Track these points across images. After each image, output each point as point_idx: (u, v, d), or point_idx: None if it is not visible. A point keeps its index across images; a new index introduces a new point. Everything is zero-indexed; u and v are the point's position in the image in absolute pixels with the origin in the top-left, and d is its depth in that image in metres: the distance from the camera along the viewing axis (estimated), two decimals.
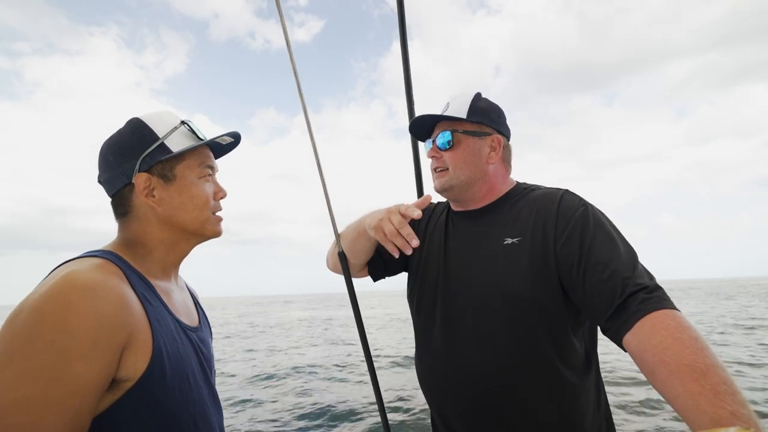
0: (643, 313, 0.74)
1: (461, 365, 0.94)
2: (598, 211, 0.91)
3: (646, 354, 0.71)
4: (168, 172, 0.81)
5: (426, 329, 1.05)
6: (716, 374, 0.62)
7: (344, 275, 1.16)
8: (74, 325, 0.59)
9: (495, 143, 1.05)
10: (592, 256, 0.83)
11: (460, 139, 1.03)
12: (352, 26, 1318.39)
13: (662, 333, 0.70)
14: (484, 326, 0.92)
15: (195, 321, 0.89)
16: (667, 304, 0.74)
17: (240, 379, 8.10)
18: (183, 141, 0.83)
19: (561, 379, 0.88)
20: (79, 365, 0.59)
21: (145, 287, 0.76)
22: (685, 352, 0.66)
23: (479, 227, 1.03)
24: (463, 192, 1.04)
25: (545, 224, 0.91)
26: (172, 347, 0.74)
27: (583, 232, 0.86)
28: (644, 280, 0.79)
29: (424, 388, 1.05)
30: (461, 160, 1.03)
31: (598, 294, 0.80)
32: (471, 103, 1.04)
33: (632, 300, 0.76)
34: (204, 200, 0.84)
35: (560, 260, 0.87)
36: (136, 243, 0.81)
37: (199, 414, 0.77)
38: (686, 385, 0.63)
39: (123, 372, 0.65)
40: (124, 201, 0.81)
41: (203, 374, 0.83)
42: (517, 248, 0.93)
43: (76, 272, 0.64)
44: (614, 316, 0.78)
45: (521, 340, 0.89)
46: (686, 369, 0.64)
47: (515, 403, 0.89)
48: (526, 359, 0.88)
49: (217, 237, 0.88)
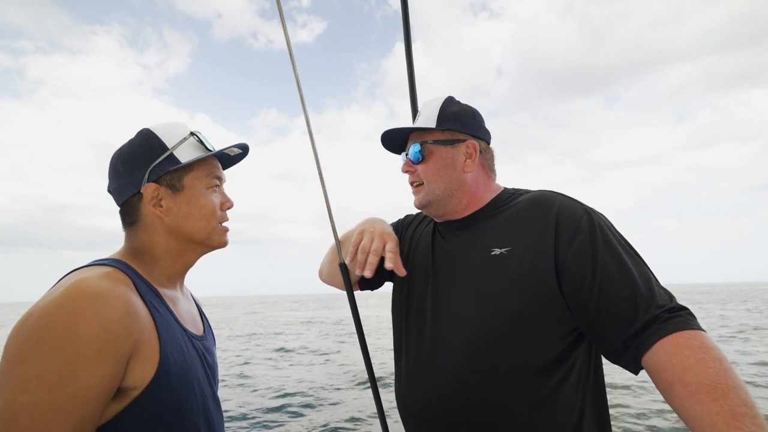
0: (665, 333, 0.71)
1: (444, 386, 0.88)
2: (603, 219, 0.87)
3: (665, 372, 0.69)
4: (176, 182, 0.82)
5: (409, 348, 0.99)
6: (737, 396, 0.61)
7: (346, 287, 1.12)
8: (82, 332, 0.60)
9: (470, 149, 0.98)
10: (606, 276, 0.79)
11: (431, 150, 0.97)
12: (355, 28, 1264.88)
13: (685, 352, 0.68)
14: (471, 340, 0.87)
15: (200, 330, 0.90)
16: (692, 325, 0.72)
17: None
18: (192, 152, 0.84)
19: (548, 394, 0.82)
20: (85, 373, 0.59)
21: (153, 295, 0.76)
22: (707, 372, 0.64)
23: (465, 238, 0.98)
24: (443, 206, 0.99)
25: (542, 233, 0.86)
26: (178, 356, 0.74)
27: (594, 247, 0.81)
28: (665, 300, 0.76)
29: (402, 411, 0.98)
30: (434, 172, 0.97)
31: (615, 319, 0.77)
32: (441, 109, 0.98)
33: (655, 320, 0.74)
34: (211, 210, 0.84)
35: (567, 273, 0.82)
36: (143, 252, 0.82)
37: (203, 422, 0.78)
38: (704, 406, 0.62)
39: (129, 380, 0.66)
40: (133, 210, 0.82)
41: (208, 382, 0.83)
42: (506, 259, 0.88)
43: (85, 280, 0.65)
44: (633, 337, 0.75)
45: (509, 359, 0.84)
46: (706, 389, 0.63)
47: (500, 417, 0.84)
48: (515, 374, 0.83)
49: (223, 247, 0.89)
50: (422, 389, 0.92)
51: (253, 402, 6.81)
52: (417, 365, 0.95)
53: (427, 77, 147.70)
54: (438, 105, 1.00)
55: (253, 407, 6.45)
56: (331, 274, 1.19)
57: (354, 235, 1.00)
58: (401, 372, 1.01)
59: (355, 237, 0.98)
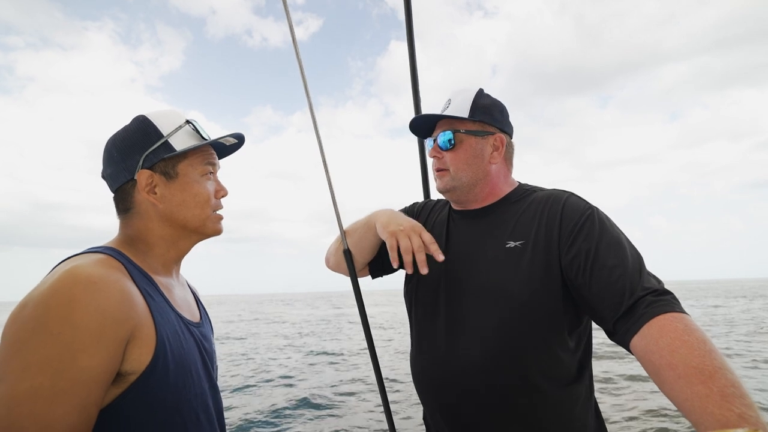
0: (650, 316, 0.73)
1: (459, 365, 0.93)
2: (604, 215, 0.90)
3: (653, 356, 0.70)
4: (170, 169, 0.82)
5: (424, 328, 1.04)
6: (724, 377, 0.62)
7: (349, 273, 1.13)
8: (79, 319, 0.60)
9: (498, 143, 1.02)
10: (598, 260, 0.82)
11: (461, 140, 1.01)
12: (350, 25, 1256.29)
13: (670, 335, 0.69)
14: (483, 328, 0.91)
15: (196, 317, 0.90)
16: (676, 308, 0.74)
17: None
18: (187, 140, 0.84)
19: (555, 382, 0.88)
20: (84, 357, 0.60)
21: (147, 282, 0.76)
22: (692, 354, 0.65)
23: (481, 228, 1.02)
24: (465, 193, 1.03)
25: (550, 228, 0.90)
26: (175, 341, 0.75)
27: (590, 236, 0.85)
28: (652, 283, 0.79)
29: (418, 386, 1.04)
30: (463, 161, 1.00)
31: (605, 298, 0.80)
32: (473, 101, 1.01)
33: (640, 303, 0.76)
34: (205, 198, 0.84)
35: (566, 264, 0.86)
36: (137, 239, 0.82)
37: (202, 406, 0.78)
38: (693, 388, 0.63)
39: (127, 365, 0.67)
40: (127, 197, 0.82)
41: (205, 368, 0.84)
42: (520, 252, 0.92)
43: (79, 267, 0.65)
44: (621, 319, 0.77)
45: (519, 344, 0.88)
46: (694, 371, 0.64)
47: (509, 404, 0.89)
48: (523, 362, 0.88)
49: (218, 235, 0.89)
50: (437, 369, 0.97)
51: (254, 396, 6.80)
52: (432, 347, 0.99)
53: (422, 76, 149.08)
54: (471, 96, 1.02)
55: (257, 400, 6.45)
56: (338, 262, 1.20)
57: (386, 239, 0.96)
58: (417, 352, 1.05)
59: (390, 241, 0.94)
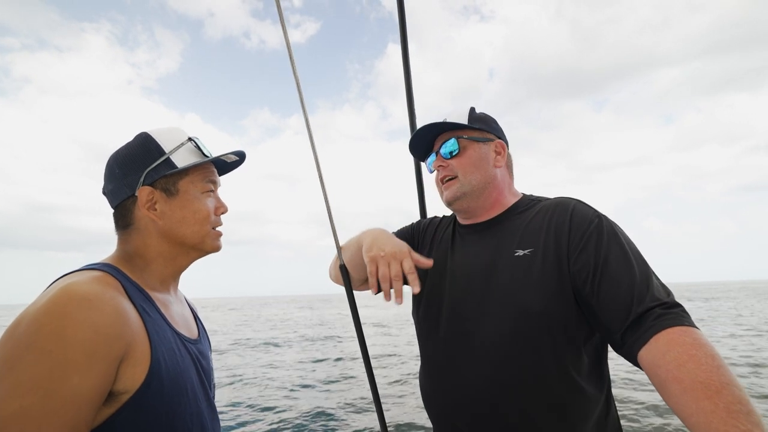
0: (658, 329, 0.72)
1: (469, 379, 0.91)
2: (613, 223, 0.89)
3: (659, 370, 0.69)
4: (171, 186, 0.82)
5: (433, 345, 1.02)
6: (731, 393, 0.61)
7: (345, 288, 1.14)
8: (72, 336, 0.59)
9: (499, 147, 1.05)
10: (606, 271, 0.81)
11: (465, 145, 1.02)
12: (348, 29, 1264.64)
13: (678, 349, 0.68)
14: (493, 340, 0.89)
15: (194, 333, 0.89)
16: (685, 321, 0.73)
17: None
18: (188, 157, 0.84)
19: (570, 395, 0.85)
20: (76, 376, 0.59)
21: (144, 299, 0.76)
22: (700, 369, 0.65)
23: (488, 240, 1.01)
24: (474, 199, 1.02)
25: (558, 235, 0.89)
26: (170, 359, 0.74)
27: (598, 245, 0.85)
28: (661, 295, 0.77)
29: (428, 408, 1.02)
30: (470, 164, 1.01)
31: (612, 309, 0.79)
32: (469, 113, 1.06)
33: (648, 315, 0.75)
34: (205, 215, 0.84)
35: (574, 273, 0.85)
36: (135, 255, 0.81)
37: (197, 427, 0.77)
38: (699, 403, 0.62)
39: (120, 384, 0.65)
40: (127, 213, 0.82)
41: (202, 387, 0.83)
42: (529, 260, 0.90)
43: (74, 284, 0.65)
44: (628, 331, 0.76)
45: (531, 355, 0.86)
46: (700, 386, 0.63)
47: (523, 419, 0.85)
48: (536, 374, 0.85)
49: (216, 252, 0.89)
50: (448, 387, 0.95)
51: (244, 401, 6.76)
52: (442, 364, 0.97)
53: (419, 79, 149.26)
54: (466, 110, 1.06)
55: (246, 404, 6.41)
56: (337, 276, 1.21)
57: (367, 264, 0.93)
58: (427, 370, 1.03)
59: (369, 267, 0.92)
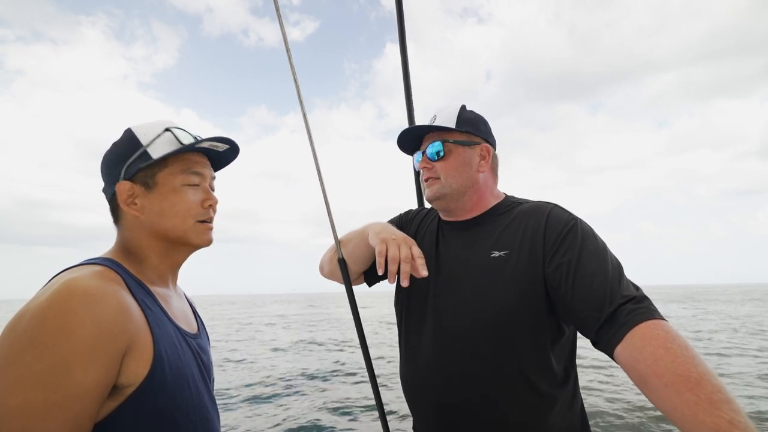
0: (631, 325, 0.74)
1: (444, 374, 0.95)
2: (587, 226, 0.93)
3: (638, 365, 0.71)
4: (149, 179, 0.81)
5: (412, 337, 1.05)
6: (710, 383, 0.63)
7: (344, 282, 1.15)
8: (74, 331, 0.60)
9: (484, 152, 1.06)
10: (580, 269, 0.84)
11: (450, 149, 1.04)
12: (346, 28, 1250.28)
13: (653, 344, 0.70)
14: (468, 337, 0.93)
15: (194, 328, 0.90)
16: (655, 315, 0.75)
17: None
18: (165, 148, 0.82)
19: (539, 391, 0.89)
20: (79, 371, 0.59)
21: (145, 294, 0.76)
22: (677, 362, 0.66)
23: (467, 239, 1.04)
24: (454, 201, 1.05)
25: (534, 238, 0.93)
26: (172, 353, 0.74)
27: (572, 246, 0.88)
28: (631, 290, 0.80)
29: (407, 395, 1.06)
30: (453, 169, 1.04)
31: (587, 306, 0.81)
32: (458, 114, 1.05)
33: (620, 311, 0.77)
34: (185, 207, 0.82)
35: (549, 273, 0.88)
36: (130, 250, 0.82)
37: (200, 420, 0.78)
38: (682, 396, 0.63)
39: (124, 378, 0.66)
40: (115, 209, 0.83)
41: (203, 381, 0.83)
42: (504, 262, 0.94)
43: (76, 279, 0.65)
44: (603, 328, 0.79)
45: (503, 352, 0.90)
46: (680, 379, 0.64)
47: (493, 413, 0.90)
48: (507, 371, 0.90)
49: (206, 246, 0.86)
50: (425, 376, 0.99)
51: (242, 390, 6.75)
52: (420, 355, 1.02)
53: (417, 79, 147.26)
54: (456, 110, 1.07)
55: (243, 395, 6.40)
56: (332, 271, 1.22)
57: (376, 245, 0.96)
58: (406, 360, 1.07)
59: (379, 246, 0.94)
